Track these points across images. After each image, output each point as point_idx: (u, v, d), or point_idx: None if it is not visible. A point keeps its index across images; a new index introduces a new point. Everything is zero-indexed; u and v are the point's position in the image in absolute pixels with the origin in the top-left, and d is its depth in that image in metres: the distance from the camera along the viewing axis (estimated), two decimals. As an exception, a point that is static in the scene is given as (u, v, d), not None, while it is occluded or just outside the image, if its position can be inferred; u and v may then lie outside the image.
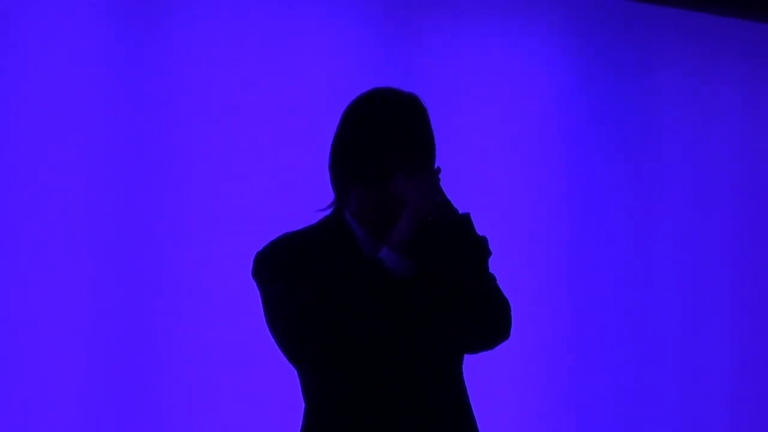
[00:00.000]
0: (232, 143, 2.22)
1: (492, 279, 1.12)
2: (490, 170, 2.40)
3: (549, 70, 2.68)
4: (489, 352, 1.15)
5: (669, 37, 2.89)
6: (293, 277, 1.05)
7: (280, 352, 1.09)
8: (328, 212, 1.16)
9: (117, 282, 2.16)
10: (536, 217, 2.59)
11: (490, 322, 1.08)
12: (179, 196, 2.20)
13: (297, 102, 2.27)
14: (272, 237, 1.15)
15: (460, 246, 1.07)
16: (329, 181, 1.16)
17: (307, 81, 2.28)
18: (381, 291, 1.00)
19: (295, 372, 1.15)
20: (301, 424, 1.16)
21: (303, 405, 1.17)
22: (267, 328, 1.10)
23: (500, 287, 1.12)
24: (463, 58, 2.51)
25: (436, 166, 1.12)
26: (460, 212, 1.08)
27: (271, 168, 2.22)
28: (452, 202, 1.09)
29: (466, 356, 1.18)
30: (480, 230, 1.12)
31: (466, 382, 1.18)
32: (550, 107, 2.68)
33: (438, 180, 1.08)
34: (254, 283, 1.11)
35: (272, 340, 1.11)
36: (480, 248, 1.10)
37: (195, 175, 2.20)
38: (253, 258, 1.12)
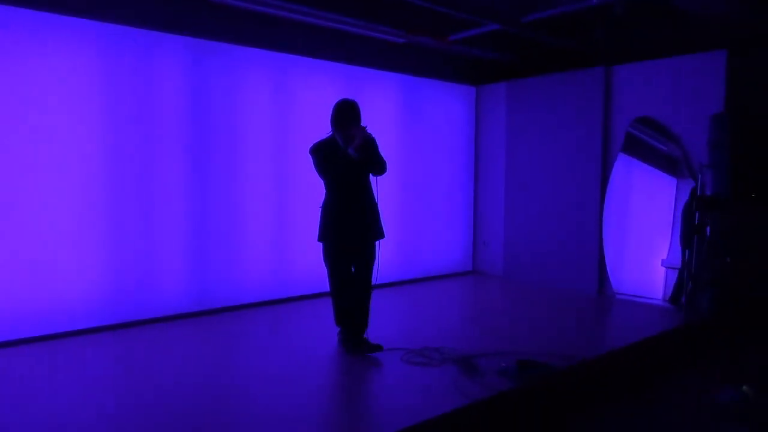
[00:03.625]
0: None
1: (382, 157, 4.13)
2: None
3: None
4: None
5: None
6: (321, 155, 4.09)
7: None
8: (329, 135, 4.18)
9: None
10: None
11: (380, 167, 4.13)
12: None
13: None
14: (314, 142, 4.17)
15: (370, 147, 4.08)
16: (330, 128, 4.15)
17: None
18: (347, 161, 4.04)
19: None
20: (323, 198, 4.18)
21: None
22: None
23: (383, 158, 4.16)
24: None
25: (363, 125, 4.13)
26: (371, 135, 4.10)
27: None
28: (370, 135, 4.07)
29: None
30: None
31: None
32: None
33: (365, 128, 4.04)
34: (310, 157, 4.15)
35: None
36: (375, 143, 4.12)
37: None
38: (310, 147, 4.17)
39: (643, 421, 2.47)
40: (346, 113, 3.98)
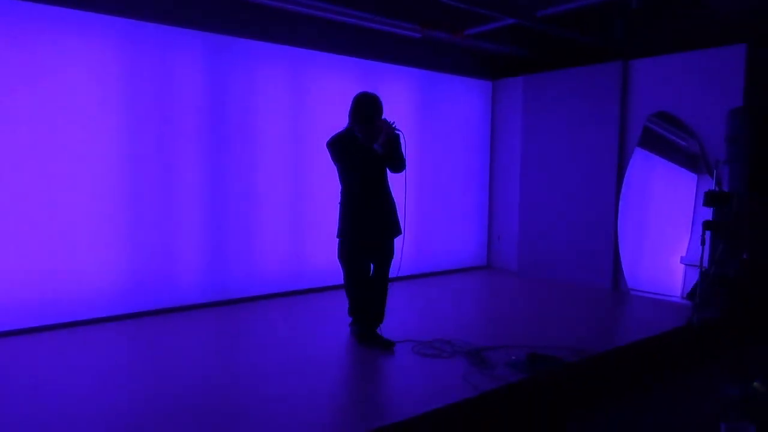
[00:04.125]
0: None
1: (403, 155, 4.12)
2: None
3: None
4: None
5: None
6: (339, 148, 4.09)
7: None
8: (346, 128, 4.16)
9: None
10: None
11: (401, 164, 4.12)
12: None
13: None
14: (331, 134, 4.16)
15: (394, 142, 4.06)
16: (348, 121, 4.13)
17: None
18: (367, 154, 4.04)
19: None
20: (340, 197, 4.17)
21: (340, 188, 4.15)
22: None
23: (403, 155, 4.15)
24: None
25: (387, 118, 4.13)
26: (397, 131, 4.09)
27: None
28: (395, 131, 4.07)
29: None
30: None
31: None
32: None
33: (393, 123, 4.02)
34: (327, 150, 4.15)
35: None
36: (398, 141, 4.10)
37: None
38: (327, 140, 4.16)
39: (648, 417, 2.49)
40: (366, 107, 3.90)
